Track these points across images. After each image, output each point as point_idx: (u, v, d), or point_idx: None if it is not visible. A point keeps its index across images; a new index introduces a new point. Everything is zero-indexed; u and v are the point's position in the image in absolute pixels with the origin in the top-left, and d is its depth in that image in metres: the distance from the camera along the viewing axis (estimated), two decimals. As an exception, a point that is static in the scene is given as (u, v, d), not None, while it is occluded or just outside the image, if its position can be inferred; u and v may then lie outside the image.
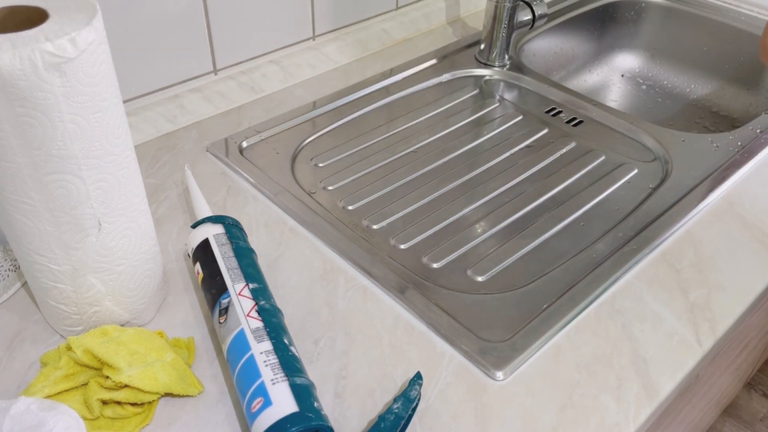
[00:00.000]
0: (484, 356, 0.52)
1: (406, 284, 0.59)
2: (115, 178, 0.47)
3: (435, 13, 1.01)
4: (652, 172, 0.74)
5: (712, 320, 0.57)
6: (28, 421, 0.40)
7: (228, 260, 0.53)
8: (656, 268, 0.61)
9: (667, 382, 0.52)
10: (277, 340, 0.47)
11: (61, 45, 0.39)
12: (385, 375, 0.52)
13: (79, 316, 0.51)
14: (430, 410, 0.49)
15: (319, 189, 0.70)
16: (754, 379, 1.51)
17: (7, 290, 0.57)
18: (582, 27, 1.09)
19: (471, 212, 0.69)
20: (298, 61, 0.87)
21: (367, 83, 0.86)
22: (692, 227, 0.66)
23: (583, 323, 0.56)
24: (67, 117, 0.42)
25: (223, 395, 0.50)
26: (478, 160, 0.76)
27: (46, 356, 0.51)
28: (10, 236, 0.48)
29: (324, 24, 0.89)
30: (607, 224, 0.67)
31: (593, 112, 0.83)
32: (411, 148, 0.77)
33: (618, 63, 1.14)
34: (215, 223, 0.56)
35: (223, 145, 0.74)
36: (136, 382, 0.46)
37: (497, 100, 0.87)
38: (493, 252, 0.64)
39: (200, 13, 0.75)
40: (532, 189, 0.72)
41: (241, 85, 0.82)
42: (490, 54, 0.92)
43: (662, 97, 1.10)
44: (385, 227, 0.66)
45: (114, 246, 0.49)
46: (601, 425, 0.49)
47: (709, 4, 1.07)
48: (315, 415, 0.43)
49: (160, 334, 0.53)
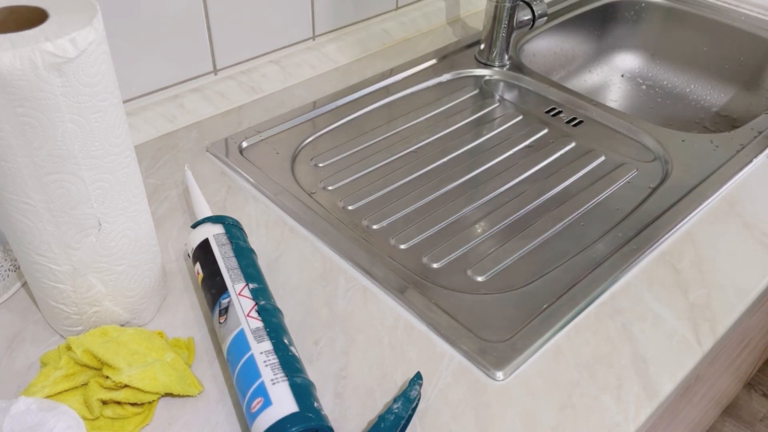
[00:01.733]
0: (484, 356, 0.52)
1: (406, 284, 0.59)
2: (115, 178, 0.47)
3: (435, 13, 1.01)
4: (652, 172, 0.74)
5: (712, 320, 0.57)
6: (28, 421, 0.40)
7: (228, 260, 0.53)
8: (656, 268, 0.61)
9: (667, 382, 0.52)
10: (277, 340, 0.47)
11: (61, 45, 0.39)
12: (385, 375, 0.52)
13: (79, 316, 0.51)
14: (430, 410, 0.49)
15: (319, 189, 0.70)
16: (754, 379, 1.51)
17: (7, 290, 0.57)
18: (582, 27, 1.09)
19: (471, 212, 0.69)
20: (298, 61, 0.87)
21: (367, 83, 0.86)
22: (692, 227, 0.66)
23: (583, 323, 0.56)
24: (67, 117, 0.42)
25: (223, 395, 0.50)
26: (478, 160, 0.76)
27: (46, 356, 0.51)
28: (10, 236, 0.48)
29: (324, 24, 0.89)
30: (607, 224, 0.67)
31: (593, 112, 0.83)
32: (411, 148, 0.77)
33: (618, 63, 1.14)
34: (215, 223, 0.56)
35: (223, 145, 0.74)
36: (136, 382, 0.46)
37: (497, 100, 0.87)
38: (493, 252, 0.64)
39: (200, 13, 0.75)
40: (532, 189, 0.72)
41: (241, 85, 0.82)
42: (490, 54, 0.92)
43: (662, 97, 1.10)
44: (385, 227, 0.66)
45: (114, 246, 0.49)
46: (601, 425, 0.49)
47: (709, 4, 1.07)
48: (315, 415, 0.43)
49: (160, 334, 0.53)
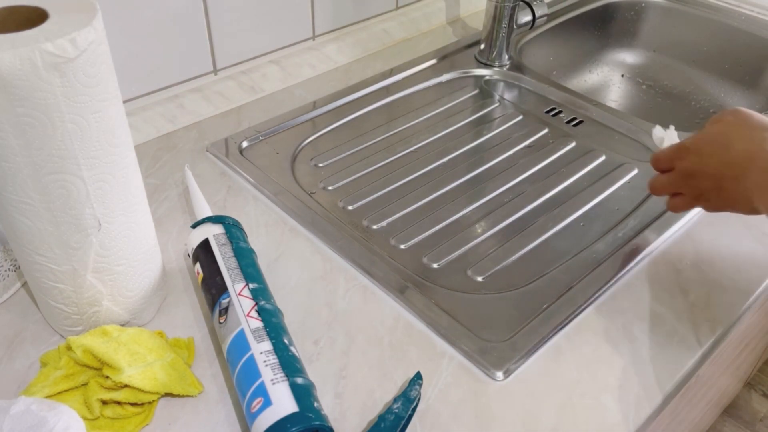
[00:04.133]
0: (484, 356, 0.52)
1: (406, 284, 0.59)
2: (115, 178, 0.47)
3: (435, 13, 1.01)
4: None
5: (712, 320, 0.57)
6: (28, 421, 0.40)
7: (228, 260, 0.53)
8: (656, 268, 0.61)
9: (667, 382, 0.52)
10: (277, 340, 0.47)
11: (61, 45, 0.39)
12: (385, 375, 0.52)
13: (79, 316, 0.51)
14: (430, 410, 0.49)
15: (319, 189, 0.70)
16: (754, 379, 1.51)
17: (7, 290, 0.57)
18: (582, 27, 1.09)
19: (471, 212, 0.69)
20: (298, 61, 0.87)
21: (367, 83, 0.86)
22: (692, 227, 0.66)
23: (583, 323, 0.56)
24: (67, 117, 0.42)
25: (223, 395, 0.50)
26: (478, 160, 0.76)
27: (46, 356, 0.51)
28: (10, 236, 0.48)
29: (324, 24, 0.89)
30: (607, 224, 0.67)
31: (593, 112, 0.83)
32: (411, 148, 0.77)
33: (618, 63, 1.14)
34: (215, 223, 0.56)
35: (223, 145, 0.74)
36: (136, 382, 0.46)
37: (497, 100, 0.87)
38: (493, 252, 0.64)
39: (200, 13, 0.75)
40: (532, 189, 0.72)
41: (241, 85, 0.82)
42: (490, 54, 0.92)
43: (662, 97, 1.10)
44: (385, 227, 0.66)
45: (114, 246, 0.49)
46: (601, 425, 0.49)
47: (709, 4, 1.07)
48: (315, 415, 0.43)
49: (160, 334, 0.53)
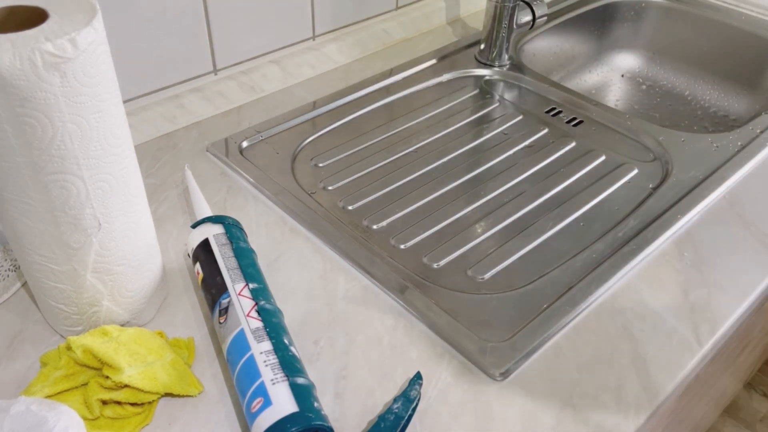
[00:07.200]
0: (484, 356, 0.52)
1: (406, 284, 0.59)
2: (115, 178, 0.47)
3: (435, 13, 1.01)
4: (652, 172, 0.74)
5: (712, 320, 0.57)
6: (28, 421, 0.40)
7: (228, 260, 0.53)
8: (656, 268, 0.61)
9: (667, 382, 0.52)
10: (277, 340, 0.47)
11: (61, 45, 0.39)
12: (385, 375, 0.52)
13: (79, 316, 0.51)
14: (430, 410, 0.49)
15: (319, 189, 0.70)
16: (754, 379, 1.51)
17: (7, 290, 0.57)
18: (582, 27, 1.09)
19: (471, 212, 0.69)
20: (298, 61, 0.87)
21: (367, 83, 0.86)
22: (692, 227, 0.66)
23: (583, 323, 0.56)
24: (67, 117, 0.42)
25: (223, 395, 0.50)
26: (478, 160, 0.76)
27: (46, 356, 0.51)
28: (10, 236, 0.48)
29: (324, 24, 0.89)
30: (607, 224, 0.67)
31: (593, 112, 0.83)
32: (411, 148, 0.77)
33: (618, 63, 1.14)
34: (215, 223, 0.56)
35: (223, 145, 0.74)
36: (136, 382, 0.46)
37: (497, 100, 0.87)
38: (493, 252, 0.64)
39: (200, 13, 0.75)
40: (532, 189, 0.72)
41: (241, 85, 0.82)
42: (490, 54, 0.92)
43: (662, 97, 1.10)
44: (385, 227, 0.66)
45: (114, 246, 0.49)
46: (601, 425, 0.49)
47: (709, 4, 1.07)
48: (315, 415, 0.43)
49: (160, 334, 0.53)
